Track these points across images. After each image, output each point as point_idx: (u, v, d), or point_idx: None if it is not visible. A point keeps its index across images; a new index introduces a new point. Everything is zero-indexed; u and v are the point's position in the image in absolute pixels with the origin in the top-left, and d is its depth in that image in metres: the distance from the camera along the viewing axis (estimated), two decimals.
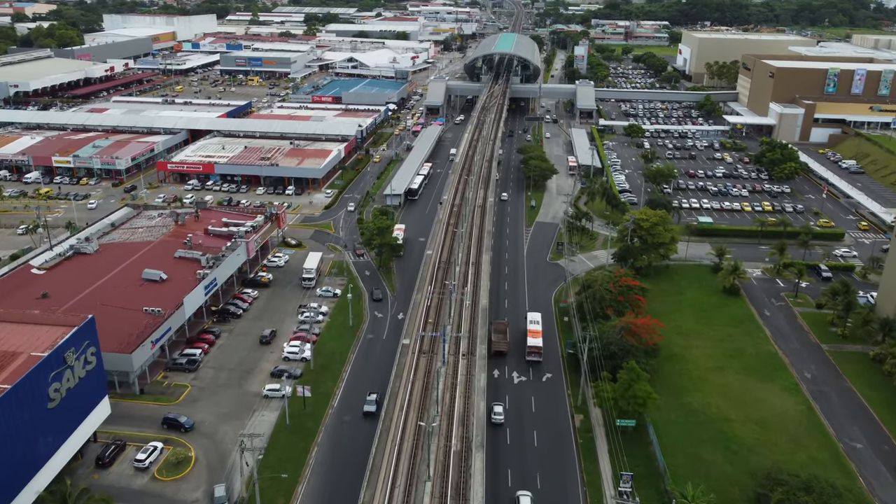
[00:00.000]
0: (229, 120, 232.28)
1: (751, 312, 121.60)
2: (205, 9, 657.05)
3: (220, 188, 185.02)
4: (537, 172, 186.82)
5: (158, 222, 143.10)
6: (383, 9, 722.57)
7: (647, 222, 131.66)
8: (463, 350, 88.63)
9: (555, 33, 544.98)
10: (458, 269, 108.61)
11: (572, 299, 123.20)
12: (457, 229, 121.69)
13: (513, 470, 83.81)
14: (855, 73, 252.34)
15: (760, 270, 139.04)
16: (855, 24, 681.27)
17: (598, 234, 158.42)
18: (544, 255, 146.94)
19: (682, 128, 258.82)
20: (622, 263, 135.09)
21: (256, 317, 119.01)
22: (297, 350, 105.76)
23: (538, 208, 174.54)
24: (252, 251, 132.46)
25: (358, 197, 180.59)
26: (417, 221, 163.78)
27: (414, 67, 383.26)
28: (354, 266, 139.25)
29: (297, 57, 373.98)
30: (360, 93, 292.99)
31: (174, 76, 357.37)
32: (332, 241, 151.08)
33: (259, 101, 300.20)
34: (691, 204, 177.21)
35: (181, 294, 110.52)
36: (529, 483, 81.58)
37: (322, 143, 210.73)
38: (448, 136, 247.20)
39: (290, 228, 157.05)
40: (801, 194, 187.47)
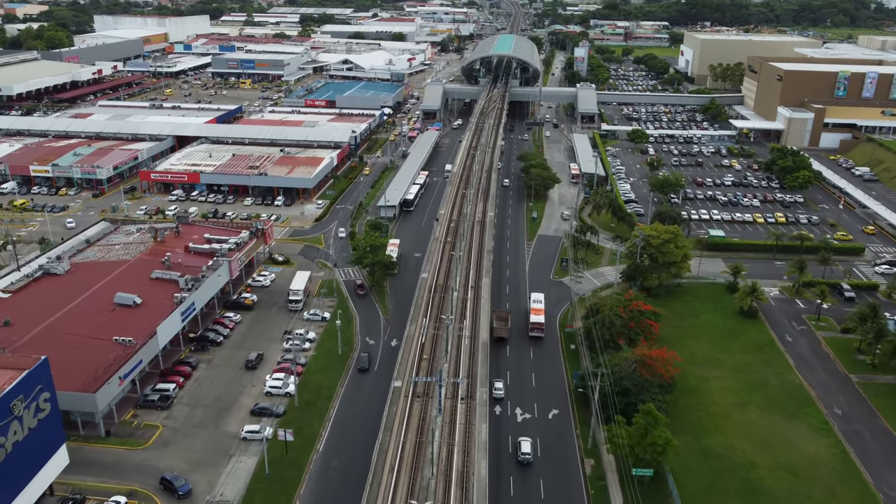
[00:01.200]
0: (218, 126, 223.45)
1: (771, 338, 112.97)
2: (199, 9, 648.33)
3: (206, 199, 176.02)
4: (539, 182, 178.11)
5: (136, 238, 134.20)
6: (380, 9, 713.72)
7: (657, 239, 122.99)
8: (462, 393, 79.85)
9: (553, 34, 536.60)
10: (455, 295, 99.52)
11: (579, 324, 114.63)
12: (454, 252, 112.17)
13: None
14: (866, 76, 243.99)
15: (778, 289, 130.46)
16: (856, 24, 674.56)
17: (604, 248, 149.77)
18: (547, 272, 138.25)
19: (688, 133, 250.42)
20: (631, 283, 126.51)
21: (238, 344, 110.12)
22: (280, 384, 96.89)
23: (540, 220, 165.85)
24: (235, 271, 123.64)
25: (350, 208, 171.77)
26: (413, 235, 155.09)
27: (410, 69, 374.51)
28: (345, 285, 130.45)
29: (290, 59, 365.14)
30: (354, 96, 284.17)
31: (164, 79, 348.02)
32: (322, 258, 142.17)
33: (250, 104, 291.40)
34: (700, 215, 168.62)
35: (156, 321, 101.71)
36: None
37: (314, 151, 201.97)
38: (445, 141, 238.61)
39: (278, 243, 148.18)
40: (814, 204, 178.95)
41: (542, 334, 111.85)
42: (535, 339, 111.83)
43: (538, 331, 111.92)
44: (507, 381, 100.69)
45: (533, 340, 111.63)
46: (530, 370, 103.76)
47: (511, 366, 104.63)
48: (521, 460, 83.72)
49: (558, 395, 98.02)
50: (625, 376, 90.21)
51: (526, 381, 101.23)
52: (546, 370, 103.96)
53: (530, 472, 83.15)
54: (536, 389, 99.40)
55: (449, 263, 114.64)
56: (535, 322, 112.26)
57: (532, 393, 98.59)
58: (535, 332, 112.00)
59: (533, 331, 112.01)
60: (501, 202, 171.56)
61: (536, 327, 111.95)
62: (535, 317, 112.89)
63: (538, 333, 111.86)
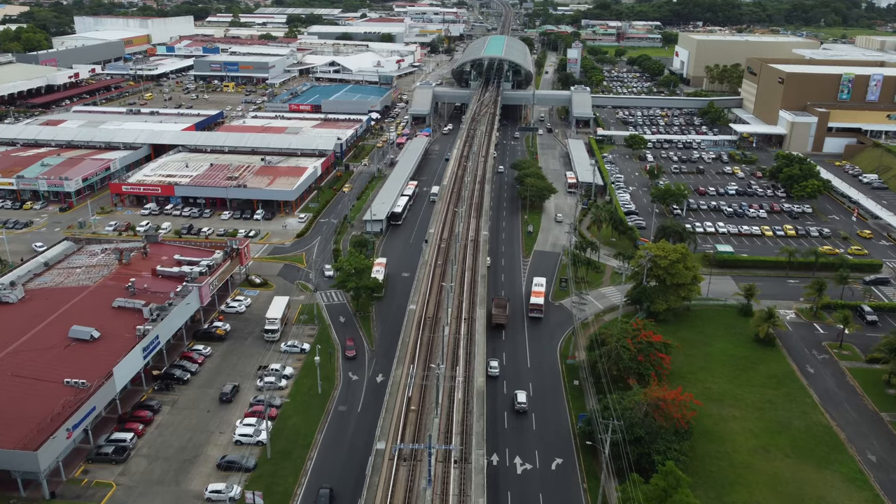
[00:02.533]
0: (196, 133, 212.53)
1: (791, 369, 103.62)
2: (184, 10, 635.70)
3: (181, 212, 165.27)
4: (534, 192, 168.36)
5: (100, 260, 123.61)
6: (368, 9, 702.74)
7: (665, 260, 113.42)
8: (455, 455, 69.77)
9: (545, 35, 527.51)
10: (446, 332, 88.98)
11: (582, 356, 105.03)
12: (444, 283, 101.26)
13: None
14: (870, 78, 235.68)
15: (794, 312, 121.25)
16: (848, 23, 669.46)
17: (605, 265, 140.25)
18: (546, 293, 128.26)
19: (687, 137, 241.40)
20: (636, 307, 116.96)
21: (207, 381, 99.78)
22: (251, 431, 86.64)
23: (536, 234, 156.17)
24: (206, 297, 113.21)
25: (335, 222, 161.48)
26: (401, 252, 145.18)
27: (399, 71, 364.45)
28: (327, 310, 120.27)
29: (275, 61, 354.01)
30: (340, 101, 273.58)
31: (144, 82, 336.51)
32: (302, 278, 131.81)
33: (233, 109, 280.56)
34: (705, 228, 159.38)
35: (114, 359, 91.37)
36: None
37: (297, 159, 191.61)
38: (436, 147, 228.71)
39: (256, 263, 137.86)
40: (824, 215, 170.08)
41: (541, 315, 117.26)
42: (535, 371, 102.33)
43: (537, 311, 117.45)
44: (504, 422, 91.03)
45: (533, 375, 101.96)
46: (530, 410, 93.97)
47: (510, 405, 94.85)
48: None
49: (562, 440, 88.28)
50: (637, 423, 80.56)
51: (526, 422, 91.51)
52: (548, 410, 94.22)
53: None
54: (537, 433, 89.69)
55: (440, 292, 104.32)
56: (534, 304, 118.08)
57: (533, 437, 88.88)
58: (534, 312, 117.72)
59: (532, 311, 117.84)
60: (495, 213, 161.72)
61: (535, 308, 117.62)
62: (535, 298, 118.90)
63: (537, 314, 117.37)
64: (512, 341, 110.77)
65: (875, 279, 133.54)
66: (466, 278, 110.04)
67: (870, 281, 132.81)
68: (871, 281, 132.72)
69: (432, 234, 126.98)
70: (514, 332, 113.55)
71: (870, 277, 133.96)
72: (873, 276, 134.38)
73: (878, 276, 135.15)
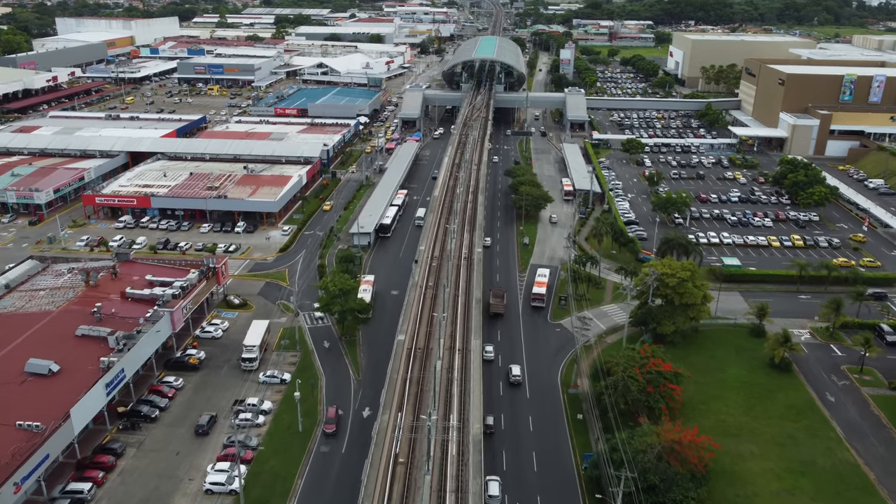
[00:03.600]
0: (176, 140, 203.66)
1: (810, 397, 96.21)
2: (171, 11, 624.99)
3: (158, 225, 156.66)
4: (529, 201, 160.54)
5: (66, 282, 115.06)
6: (357, 9, 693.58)
7: (672, 278, 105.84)
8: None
9: (536, 35, 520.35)
10: (438, 366, 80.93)
11: (585, 382, 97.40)
12: (436, 312, 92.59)
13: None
14: (873, 79, 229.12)
15: (809, 332, 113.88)
16: (840, 22, 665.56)
17: (606, 280, 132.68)
18: (544, 312, 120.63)
19: (685, 141, 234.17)
20: (641, 329, 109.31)
21: (177, 418, 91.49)
22: (223, 479, 78.42)
23: (532, 246, 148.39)
24: (179, 322, 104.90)
25: (320, 234, 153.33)
26: (391, 267, 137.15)
27: (388, 73, 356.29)
28: (311, 334, 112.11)
29: (261, 63, 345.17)
30: (328, 104, 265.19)
31: (126, 85, 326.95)
32: (285, 297, 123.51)
33: (217, 113, 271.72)
34: (709, 238, 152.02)
35: (73, 396, 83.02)
36: None
37: (281, 167, 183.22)
38: (426, 153, 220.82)
39: (236, 281, 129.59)
40: (831, 223, 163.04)
41: (543, 304, 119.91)
42: (535, 403, 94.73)
43: (539, 301, 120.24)
44: (504, 464, 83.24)
45: (532, 406, 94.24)
46: (530, 448, 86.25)
47: (508, 444, 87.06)
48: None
49: (566, 484, 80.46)
50: (650, 468, 72.89)
51: (526, 463, 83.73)
52: (549, 448, 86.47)
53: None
54: (539, 475, 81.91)
55: (431, 319, 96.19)
56: (536, 293, 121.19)
57: (534, 479, 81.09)
58: (536, 302, 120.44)
59: (534, 301, 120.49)
60: (488, 223, 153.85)
61: (538, 298, 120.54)
62: (538, 288, 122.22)
63: (539, 304, 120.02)
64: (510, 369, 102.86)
65: (873, 293, 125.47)
66: (460, 302, 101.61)
67: (867, 295, 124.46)
68: (868, 295, 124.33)
69: (423, 251, 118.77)
70: (512, 358, 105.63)
71: (867, 291, 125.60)
72: (871, 291, 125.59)
73: (876, 290, 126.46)
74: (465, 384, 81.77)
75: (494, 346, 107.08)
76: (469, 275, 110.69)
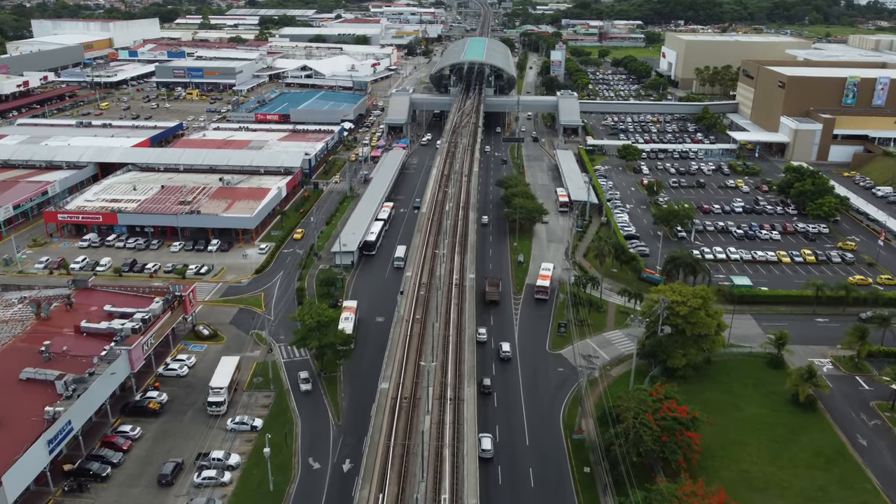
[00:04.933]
0: (148, 150, 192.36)
1: (839, 441, 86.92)
2: (153, 12, 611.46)
3: (125, 244, 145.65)
4: (523, 214, 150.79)
5: (16, 313, 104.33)
6: (344, 10, 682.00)
7: (684, 307, 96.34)
8: None
9: (525, 35, 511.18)
10: (426, 422, 70.54)
11: (590, 425, 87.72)
12: (423, 362, 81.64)
13: None
14: (877, 81, 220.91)
15: (831, 361, 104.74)
16: (829, 21, 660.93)
17: (607, 303, 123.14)
18: (542, 339, 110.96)
19: (683, 146, 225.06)
20: (650, 363, 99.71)
21: (133, 476, 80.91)
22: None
23: (527, 264, 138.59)
24: (139, 361, 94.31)
25: (300, 253, 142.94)
26: (375, 288, 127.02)
27: (375, 76, 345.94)
28: (286, 369, 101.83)
29: (243, 66, 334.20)
30: (311, 109, 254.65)
31: (102, 90, 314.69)
32: (259, 326, 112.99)
33: (195, 119, 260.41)
34: (715, 254, 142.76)
35: (9, 457, 72.47)
36: None
37: (260, 179, 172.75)
38: (413, 161, 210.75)
39: (207, 308, 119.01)
40: (842, 236, 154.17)
41: (547, 297, 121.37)
42: (535, 450, 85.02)
43: (543, 293, 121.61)
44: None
45: (533, 455, 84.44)
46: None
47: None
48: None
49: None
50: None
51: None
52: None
53: None
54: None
55: (419, 360, 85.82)
56: (540, 286, 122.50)
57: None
58: (540, 294, 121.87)
59: (538, 293, 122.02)
60: (480, 238, 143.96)
61: (542, 290, 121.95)
62: (542, 281, 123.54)
63: (543, 296, 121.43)
64: (506, 409, 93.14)
65: (872, 316, 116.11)
66: (451, 342, 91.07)
67: (866, 318, 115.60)
68: (867, 318, 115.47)
69: (409, 278, 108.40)
70: (509, 398, 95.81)
71: (865, 314, 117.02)
72: (870, 312, 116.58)
73: (876, 311, 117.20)
74: (458, 445, 71.24)
75: (491, 378, 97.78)
76: (461, 305, 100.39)
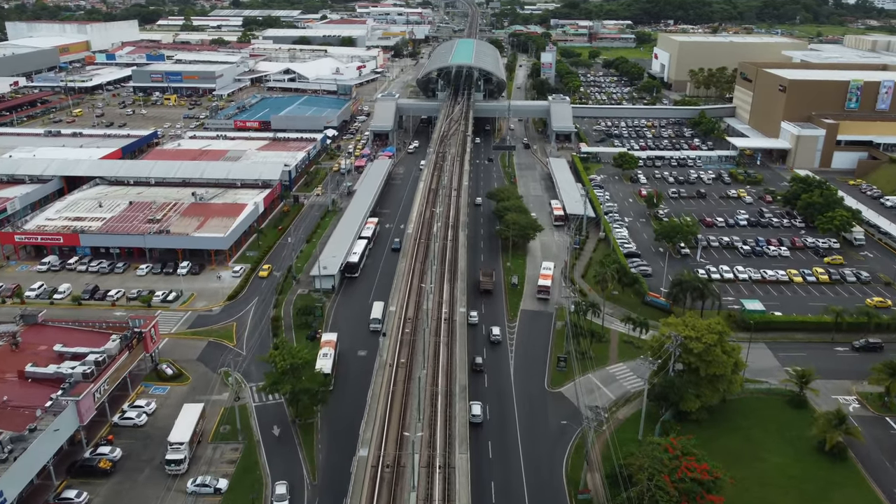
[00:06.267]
0: (117, 162, 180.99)
1: (877, 498, 77.66)
2: (134, 13, 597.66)
3: (88, 267, 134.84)
4: (517, 230, 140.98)
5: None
6: (329, 10, 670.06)
7: (698, 343, 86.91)
8: None
9: (514, 36, 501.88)
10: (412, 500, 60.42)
11: (597, 481, 78.12)
12: (407, 433, 70.80)
13: None
14: (881, 84, 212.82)
15: (856, 399, 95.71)
16: (819, 20, 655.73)
17: (609, 330, 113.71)
18: (540, 375, 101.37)
19: (680, 153, 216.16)
20: (661, 406, 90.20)
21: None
22: None
23: (522, 286, 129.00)
24: (89, 412, 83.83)
25: (277, 275, 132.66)
26: (358, 316, 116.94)
27: (360, 79, 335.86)
28: (257, 415, 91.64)
29: (224, 70, 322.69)
30: (292, 116, 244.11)
31: (76, 96, 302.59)
32: (230, 363, 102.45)
33: (172, 126, 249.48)
34: (722, 273, 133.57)
35: None
36: None
37: (235, 193, 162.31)
38: (400, 171, 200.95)
39: (172, 341, 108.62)
40: (856, 252, 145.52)
41: (549, 296, 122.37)
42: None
43: (545, 293, 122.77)
44: None
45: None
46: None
47: None
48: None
49: None
50: None
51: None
52: None
53: None
54: None
55: (404, 416, 75.61)
56: (542, 286, 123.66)
57: None
58: (541, 294, 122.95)
59: (540, 293, 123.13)
60: (470, 256, 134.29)
61: (543, 290, 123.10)
62: (543, 281, 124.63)
63: (544, 296, 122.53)
64: (502, 461, 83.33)
65: (866, 344, 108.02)
66: (440, 391, 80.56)
67: (859, 347, 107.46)
68: (860, 347, 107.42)
69: (393, 313, 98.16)
70: (505, 445, 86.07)
71: (858, 342, 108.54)
72: (863, 341, 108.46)
73: (869, 340, 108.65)
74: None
75: (482, 405, 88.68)
76: (450, 344, 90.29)
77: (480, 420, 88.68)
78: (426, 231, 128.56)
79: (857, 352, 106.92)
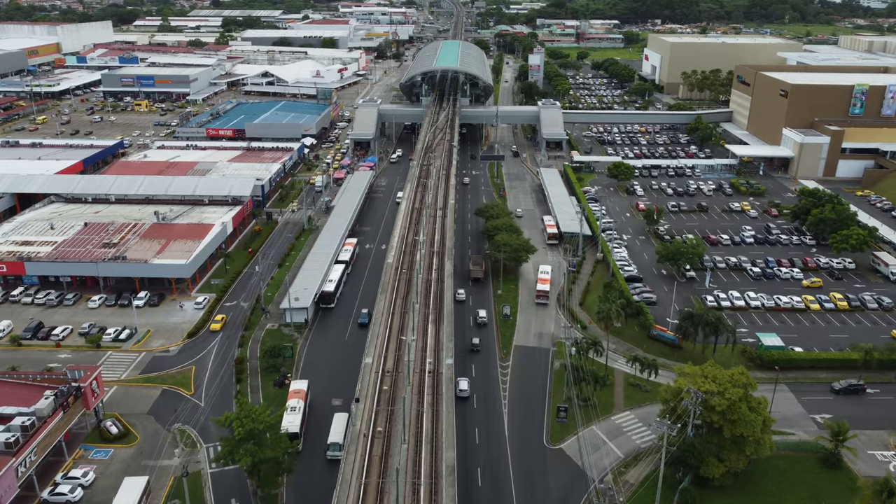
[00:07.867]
0: (74, 178, 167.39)
1: None
2: (111, 13, 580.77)
3: (34, 299, 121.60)
4: (508, 253, 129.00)
5: None
6: (312, 10, 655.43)
7: (721, 400, 75.38)
8: None
9: (500, 36, 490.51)
10: None
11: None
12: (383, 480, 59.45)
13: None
14: (887, 89, 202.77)
15: (893, 449, 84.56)
16: (806, 19, 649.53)
17: (613, 370, 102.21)
18: (538, 429, 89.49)
19: (678, 162, 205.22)
20: (679, 471, 78.54)
21: None
22: None
23: (514, 316, 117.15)
24: (10, 491, 71.10)
25: (244, 306, 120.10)
26: (333, 357, 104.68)
27: (342, 82, 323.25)
28: (213, 486, 79.13)
29: (198, 73, 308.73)
30: (269, 123, 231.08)
31: (42, 101, 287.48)
32: (185, 417, 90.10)
33: (141, 135, 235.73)
34: (733, 300, 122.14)
35: None
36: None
37: (203, 211, 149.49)
38: (382, 183, 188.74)
39: (122, 389, 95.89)
40: (872, 274, 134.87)
41: (548, 301, 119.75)
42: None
43: (544, 298, 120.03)
44: None
45: None
46: None
47: None
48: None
49: None
50: None
51: None
52: None
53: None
54: None
55: (383, 477, 63.83)
56: (540, 290, 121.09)
57: None
58: (540, 299, 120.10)
59: (539, 298, 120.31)
60: (457, 281, 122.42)
61: (542, 294, 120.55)
62: (542, 285, 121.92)
63: (543, 301, 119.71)
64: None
65: (848, 387, 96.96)
66: (423, 473, 68.24)
67: (839, 390, 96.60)
68: (840, 390, 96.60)
69: (369, 366, 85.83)
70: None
71: (839, 385, 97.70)
72: (845, 383, 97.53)
73: (850, 382, 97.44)
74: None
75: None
76: (436, 406, 77.99)
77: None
78: (409, 259, 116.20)
79: (837, 394, 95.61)
